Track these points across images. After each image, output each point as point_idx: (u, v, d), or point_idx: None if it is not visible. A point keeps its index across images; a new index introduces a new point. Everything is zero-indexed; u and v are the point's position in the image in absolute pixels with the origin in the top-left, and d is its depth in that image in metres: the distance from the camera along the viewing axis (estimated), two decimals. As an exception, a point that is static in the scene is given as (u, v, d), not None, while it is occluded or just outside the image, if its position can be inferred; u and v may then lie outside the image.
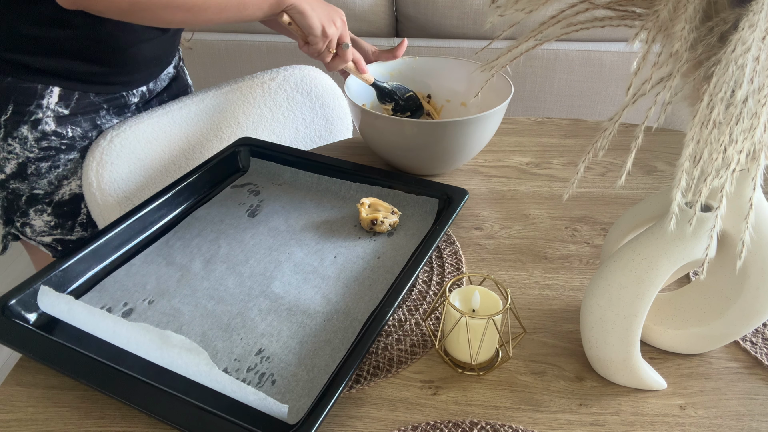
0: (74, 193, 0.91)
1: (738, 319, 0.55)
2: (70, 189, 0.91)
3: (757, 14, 0.35)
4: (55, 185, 0.89)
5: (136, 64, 0.91)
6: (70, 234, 0.94)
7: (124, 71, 0.89)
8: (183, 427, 0.51)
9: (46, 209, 0.91)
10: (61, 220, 0.93)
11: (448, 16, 1.79)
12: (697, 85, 0.42)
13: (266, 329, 0.63)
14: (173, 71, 1.06)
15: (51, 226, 0.93)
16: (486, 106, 0.93)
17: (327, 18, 0.83)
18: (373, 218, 0.76)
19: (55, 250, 0.96)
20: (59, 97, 0.84)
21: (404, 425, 0.55)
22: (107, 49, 0.85)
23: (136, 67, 0.91)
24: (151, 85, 0.99)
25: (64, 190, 0.90)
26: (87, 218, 0.94)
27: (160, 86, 1.02)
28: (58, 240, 0.95)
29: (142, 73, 0.94)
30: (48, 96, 0.83)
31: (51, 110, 0.84)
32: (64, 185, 0.90)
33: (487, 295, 0.60)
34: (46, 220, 0.92)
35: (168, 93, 1.05)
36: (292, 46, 1.85)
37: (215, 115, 1.02)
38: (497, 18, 0.51)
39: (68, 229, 0.94)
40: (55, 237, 0.94)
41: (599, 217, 0.82)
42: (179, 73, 1.09)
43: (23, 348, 0.59)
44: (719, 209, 0.41)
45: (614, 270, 0.53)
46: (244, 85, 1.05)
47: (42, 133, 0.85)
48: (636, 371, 0.56)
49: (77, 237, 0.95)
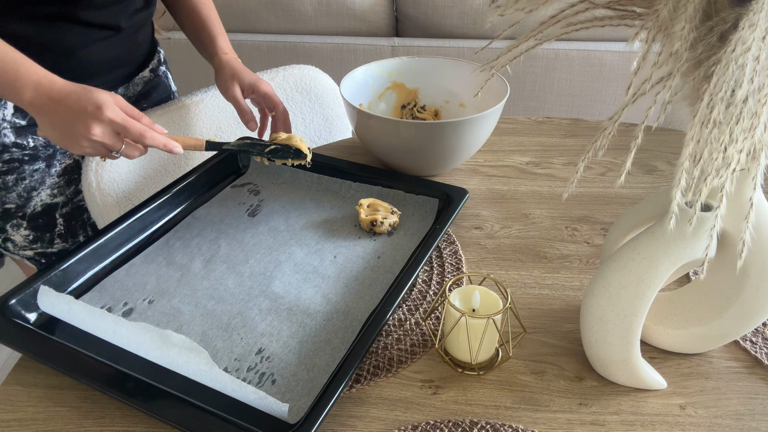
0: (46, 204, 0.88)
1: (738, 318, 0.55)
2: (41, 200, 0.88)
3: (757, 14, 0.35)
4: (25, 197, 0.86)
5: (92, 67, 0.85)
6: (50, 246, 0.92)
7: (78, 76, 0.80)
8: (183, 427, 0.51)
9: (22, 223, 0.88)
10: (39, 233, 0.90)
11: (448, 16, 1.79)
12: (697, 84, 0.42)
13: (266, 329, 0.63)
14: (149, 75, 0.98)
15: (30, 240, 0.90)
16: (485, 107, 0.93)
17: (71, 141, 0.66)
18: (373, 219, 0.76)
19: (39, 264, 0.94)
20: (14, 107, 0.81)
21: (404, 425, 0.55)
22: (55, 55, 0.80)
23: (93, 71, 0.86)
24: (121, 90, 0.93)
25: (35, 202, 0.87)
26: (65, 229, 0.92)
27: (133, 91, 0.95)
28: (40, 254, 0.92)
29: (103, 78, 0.88)
30: (2, 108, 0.80)
31: (8, 122, 0.81)
32: (34, 196, 0.87)
33: (487, 295, 0.60)
34: (24, 234, 0.90)
35: (147, 101, 0.99)
36: (293, 46, 1.86)
37: (215, 115, 1.02)
38: (497, 18, 0.51)
39: (47, 241, 0.91)
40: (36, 251, 0.92)
41: (599, 217, 0.82)
42: (160, 78, 1.02)
43: (23, 348, 0.59)
44: (719, 209, 0.41)
45: (614, 270, 0.53)
46: (244, 84, 1.05)
47: (2, 146, 0.82)
48: (636, 371, 0.56)
49: (59, 249, 0.93)
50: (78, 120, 0.65)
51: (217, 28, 0.94)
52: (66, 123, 0.65)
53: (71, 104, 0.65)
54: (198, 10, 0.94)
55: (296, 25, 1.86)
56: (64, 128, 0.66)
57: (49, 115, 0.66)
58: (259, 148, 0.78)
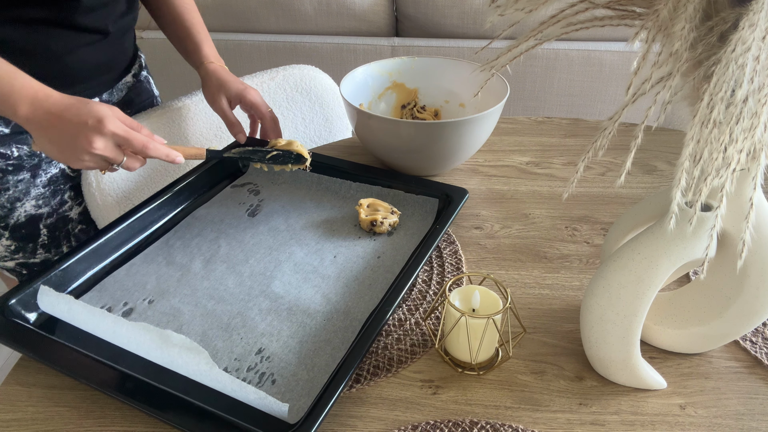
0: (30, 215, 0.86)
1: (738, 318, 0.55)
2: (25, 210, 0.86)
3: (757, 14, 0.35)
4: (8, 208, 0.84)
5: (78, 72, 0.84)
6: (33, 257, 0.90)
7: (65, 82, 0.81)
8: (183, 427, 0.51)
9: (3, 233, 0.86)
10: (21, 243, 0.88)
11: (448, 16, 1.79)
12: (697, 84, 0.42)
13: (266, 329, 0.63)
14: (132, 80, 0.96)
15: (12, 251, 0.88)
16: (484, 107, 0.93)
17: (71, 155, 0.65)
18: (373, 219, 0.76)
19: (19, 275, 0.92)
20: None
21: (404, 425, 0.55)
22: (42, 61, 0.78)
23: (79, 77, 0.84)
24: (105, 96, 0.91)
25: (18, 213, 0.85)
26: (48, 239, 0.90)
27: (117, 97, 0.94)
28: (22, 264, 0.90)
29: (89, 83, 0.87)
30: None
31: None
32: (18, 207, 0.85)
33: (487, 295, 0.60)
34: (6, 244, 0.87)
35: (131, 107, 0.97)
36: (293, 46, 1.85)
37: (214, 115, 1.02)
38: (497, 17, 0.51)
39: (30, 252, 0.89)
40: (17, 261, 0.90)
41: (599, 217, 0.82)
42: (142, 83, 1.00)
43: (23, 348, 0.59)
44: (719, 209, 0.41)
45: (614, 269, 0.53)
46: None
47: None
48: (636, 371, 0.56)
49: (41, 259, 0.91)
50: (79, 134, 0.63)
51: (202, 35, 0.92)
52: (65, 137, 0.64)
53: (70, 118, 0.63)
54: (182, 15, 0.92)
55: (296, 25, 1.86)
56: (63, 143, 0.64)
57: (46, 130, 0.64)
58: (260, 155, 0.79)
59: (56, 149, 0.65)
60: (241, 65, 1.86)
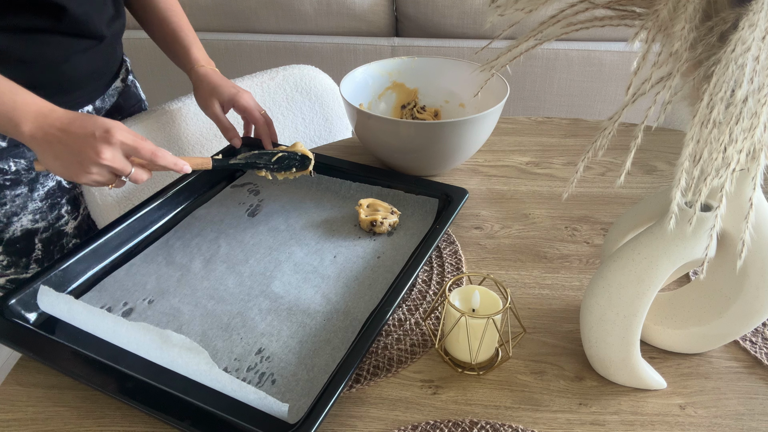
0: (26, 229, 0.85)
1: (738, 318, 0.55)
2: (21, 225, 0.84)
3: (757, 14, 0.35)
4: (4, 223, 0.83)
5: (74, 80, 0.83)
6: (25, 272, 0.88)
7: (61, 90, 0.81)
8: (183, 427, 0.51)
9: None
10: (14, 258, 0.86)
11: (448, 16, 1.79)
12: (697, 84, 0.42)
13: (266, 329, 0.63)
14: (121, 85, 0.95)
15: (4, 266, 0.86)
16: (484, 107, 0.93)
17: (78, 169, 0.64)
18: (373, 219, 0.76)
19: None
20: None
21: (404, 425, 0.55)
22: (37, 69, 0.77)
23: (75, 84, 0.83)
24: (98, 103, 0.90)
25: (14, 227, 0.84)
26: (42, 254, 0.88)
27: (108, 103, 0.92)
28: (12, 280, 0.88)
29: (84, 90, 0.86)
30: None
31: None
32: (14, 222, 0.83)
33: (487, 295, 0.60)
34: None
35: (121, 113, 0.96)
36: (293, 46, 1.86)
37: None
38: (497, 18, 0.51)
39: (23, 267, 0.87)
40: (8, 277, 0.87)
41: (599, 217, 0.82)
42: (130, 88, 0.99)
43: (23, 348, 0.59)
44: (719, 209, 0.41)
45: (614, 269, 0.53)
46: (244, 84, 1.05)
47: None
48: (636, 371, 0.56)
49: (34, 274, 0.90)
50: (86, 146, 0.62)
51: (190, 37, 0.91)
52: (72, 150, 0.63)
53: (76, 130, 0.62)
54: (168, 19, 0.91)
55: (296, 25, 1.86)
56: (70, 157, 0.63)
57: (52, 145, 0.63)
58: (265, 158, 0.79)
59: (62, 164, 0.64)
60: (241, 65, 1.86)
